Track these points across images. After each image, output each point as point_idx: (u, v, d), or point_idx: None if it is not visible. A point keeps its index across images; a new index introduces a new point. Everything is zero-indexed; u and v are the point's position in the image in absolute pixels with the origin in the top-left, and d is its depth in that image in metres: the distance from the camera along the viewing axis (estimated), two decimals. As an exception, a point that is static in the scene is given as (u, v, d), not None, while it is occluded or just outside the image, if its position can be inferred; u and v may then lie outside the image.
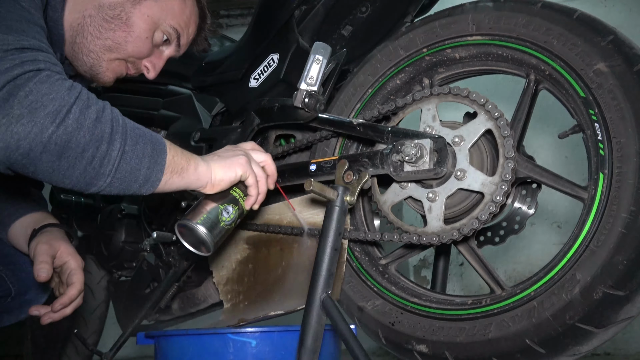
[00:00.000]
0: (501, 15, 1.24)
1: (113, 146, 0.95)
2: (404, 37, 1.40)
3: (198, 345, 1.33)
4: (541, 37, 1.18)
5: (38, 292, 1.49)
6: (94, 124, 0.93)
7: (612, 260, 1.01)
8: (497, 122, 1.18)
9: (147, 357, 3.72)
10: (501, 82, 3.49)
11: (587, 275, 1.03)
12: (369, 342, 1.50)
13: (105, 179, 0.96)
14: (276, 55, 1.57)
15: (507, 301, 1.14)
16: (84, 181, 0.95)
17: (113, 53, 1.29)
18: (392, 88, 1.42)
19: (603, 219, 1.05)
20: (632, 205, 1.01)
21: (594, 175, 1.10)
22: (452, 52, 1.32)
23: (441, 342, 1.19)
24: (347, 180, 1.24)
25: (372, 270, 1.39)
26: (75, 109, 0.91)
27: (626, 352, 3.27)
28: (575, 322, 1.03)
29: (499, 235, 1.52)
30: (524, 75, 1.24)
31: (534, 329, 1.07)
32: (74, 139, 0.90)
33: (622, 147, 1.05)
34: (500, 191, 1.15)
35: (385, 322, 1.30)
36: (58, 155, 0.90)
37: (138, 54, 1.32)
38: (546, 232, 3.60)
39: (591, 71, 1.10)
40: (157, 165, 1.01)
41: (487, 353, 1.12)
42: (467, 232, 1.19)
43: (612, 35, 1.10)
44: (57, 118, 0.88)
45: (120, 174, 0.97)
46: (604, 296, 1.01)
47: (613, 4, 3.79)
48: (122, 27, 1.27)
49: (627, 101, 1.05)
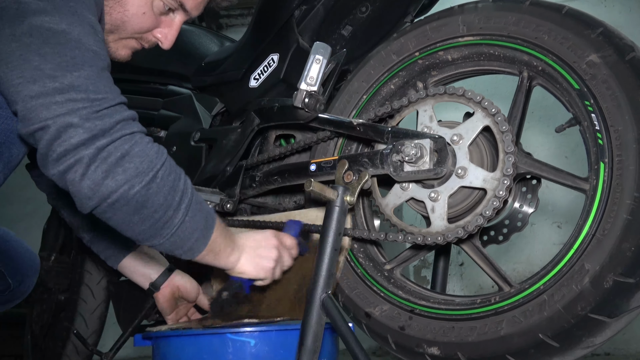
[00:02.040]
0: (491, 15, 1.25)
1: (177, 214, 1.05)
2: (395, 41, 1.40)
3: (196, 346, 1.32)
4: (532, 34, 1.19)
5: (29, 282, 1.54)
6: (169, 191, 1.04)
7: (619, 247, 1.01)
8: (494, 118, 1.18)
9: (147, 357, 3.72)
10: (501, 82, 3.49)
11: (596, 265, 1.03)
12: (368, 342, 1.50)
13: (160, 239, 1.07)
14: (276, 56, 1.57)
15: (517, 297, 1.13)
16: (144, 236, 1.06)
17: (115, 34, 1.25)
18: (387, 93, 1.42)
19: (607, 207, 1.04)
20: (635, 191, 1.02)
21: (594, 165, 1.10)
22: (444, 54, 1.33)
23: (453, 343, 1.17)
24: (347, 180, 1.24)
25: (377, 275, 1.37)
26: (160, 174, 1.03)
27: (626, 352, 3.27)
28: (587, 313, 1.02)
29: (503, 233, 1.51)
30: (517, 72, 1.25)
31: (546, 322, 1.06)
32: (151, 199, 1.01)
33: (620, 135, 1.05)
34: (502, 186, 1.15)
35: (395, 326, 1.28)
36: (135, 211, 1.01)
37: (141, 29, 1.26)
38: (546, 232, 3.60)
39: (584, 63, 1.11)
40: (203, 239, 1.12)
41: (500, 351, 1.11)
42: (472, 230, 1.18)
43: (602, 28, 1.11)
44: (144, 179, 1.00)
45: (174, 238, 1.08)
46: (615, 284, 1.00)
47: (613, 4, 3.79)
48: (116, 7, 1.22)
49: (622, 90, 1.06)
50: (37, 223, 2.53)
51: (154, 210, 1.02)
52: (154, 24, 1.27)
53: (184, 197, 1.06)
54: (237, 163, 1.58)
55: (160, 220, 1.04)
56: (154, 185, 1.01)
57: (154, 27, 1.28)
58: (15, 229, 1.51)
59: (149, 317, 1.78)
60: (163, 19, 1.28)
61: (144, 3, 1.23)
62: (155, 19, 1.26)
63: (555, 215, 3.54)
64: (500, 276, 1.23)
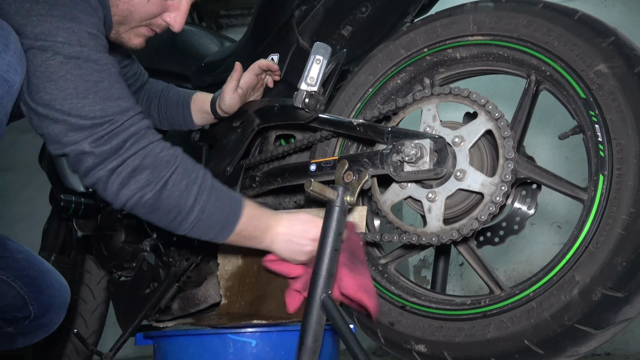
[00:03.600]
0: (502, 16, 1.24)
1: (191, 215, 1.16)
2: (405, 36, 1.39)
3: (198, 346, 1.33)
4: (542, 38, 1.18)
5: (54, 316, 1.50)
6: (181, 195, 1.14)
7: (611, 261, 1.01)
8: (497, 122, 1.18)
9: (147, 357, 3.72)
10: (501, 82, 3.49)
11: (586, 277, 1.03)
12: (368, 342, 1.50)
13: (180, 232, 1.19)
14: (276, 56, 1.57)
15: (506, 302, 1.14)
16: (166, 229, 1.19)
17: (125, 25, 1.29)
18: (393, 87, 1.42)
19: (602, 220, 1.04)
20: (631, 206, 1.01)
21: (594, 176, 1.09)
22: (453, 52, 1.32)
23: (440, 342, 1.19)
24: (347, 180, 1.24)
25: (371, 269, 1.39)
26: (171, 181, 1.13)
27: (626, 352, 3.27)
28: (574, 323, 1.03)
29: (499, 235, 1.52)
30: (524, 75, 1.24)
31: (532, 329, 1.08)
32: (163, 203, 1.13)
33: (622, 149, 1.05)
34: (499, 192, 1.15)
35: (385, 321, 1.30)
36: (151, 212, 1.15)
37: (148, 16, 1.29)
38: (546, 232, 3.60)
39: (592, 72, 1.10)
40: (224, 232, 1.20)
41: (486, 353, 1.12)
42: (467, 233, 1.19)
43: (613, 37, 1.09)
44: (155, 187, 1.12)
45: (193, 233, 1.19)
46: (603, 298, 1.01)
47: (613, 4, 3.79)
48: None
49: (628, 103, 1.05)
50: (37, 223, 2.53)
51: (167, 212, 1.14)
52: (161, 8, 1.30)
53: (198, 199, 1.16)
54: (237, 163, 1.58)
55: (175, 219, 1.15)
56: (165, 192, 1.13)
57: (162, 12, 1.31)
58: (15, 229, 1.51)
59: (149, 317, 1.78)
60: (170, 3, 1.31)
61: None
62: (162, 3, 1.29)
63: (555, 215, 3.54)
64: (492, 279, 1.24)
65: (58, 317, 1.52)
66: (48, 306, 1.47)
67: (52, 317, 1.50)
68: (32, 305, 1.44)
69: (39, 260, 1.49)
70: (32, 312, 1.44)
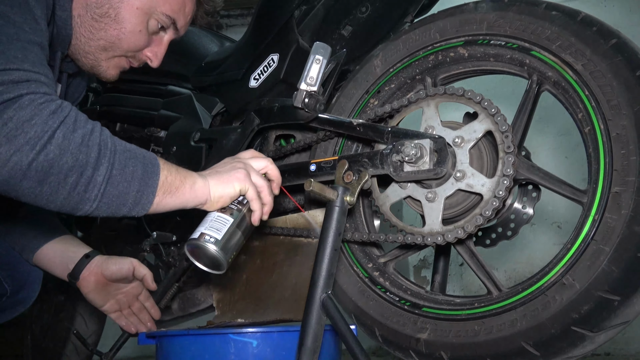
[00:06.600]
0: (505, 16, 1.24)
1: (99, 171, 0.94)
2: (406, 35, 1.39)
3: (199, 345, 1.33)
4: (543, 39, 1.18)
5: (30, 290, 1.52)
6: (79, 149, 0.92)
7: (608, 264, 1.01)
8: (498, 124, 1.17)
9: (147, 357, 3.72)
10: (501, 81, 3.49)
11: (583, 280, 1.03)
12: (368, 342, 1.50)
13: (91, 203, 0.95)
14: (276, 56, 1.57)
15: (504, 302, 1.14)
16: (69, 205, 0.95)
17: (109, 52, 1.26)
18: (395, 86, 1.42)
19: (601, 222, 1.04)
20: (630, 210, 1.01)
21: (593, 185, 1.09)
22: (455, 52, 1.32)
23: (437, 342, 1.19)
24: (347, 180, 1.24)
25: (368, 267, 1.39)
26: (59, 134, 0.90)
27: (626, 352, 3.27)
28: (570, 326, 1.03)
29: (491, 238, 1.52)
30: (526, 76, 1.24)
31: (529, 331, 1.08)
32: (55, 165, 0.90)
33: (622, 149, 1.04)
34: (498, 194, 1.15)
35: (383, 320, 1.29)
36: (39, 182, 0.90)
37: (135, 48, 1.28)
38: (546, 232, 3.60)
39: (592, 73, 1.10)
40: (147, 187, 1.00)
41: (482, 354, 1.13)
42: (463, 235, 1.19)
43: (615, 39, 1.09)
44: (37, 144, 0.88)
45: (107, 198, 0.96)
46: (600, 300, 1.01)
47: (613, 3, 3.79)
48: (113, 24, 1.22)
49: (629, 105, 1.05)
50: (37, 223, 2.52)
51: (65, 175, 0.91)
52: (146, 43, 1.30)
53: (103, 150, 0.95)
54: (237, 163, 1.58)
55: (78, 183, 0.92)
56: (53, 148, 0.89)
57: (146, 46, 1.30)
58: (15, 229, 1.51)
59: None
60: (154, 37, 1.31)
61: (140, 21, 1.25)
62: (148, 37, 1.29)
63: (556, 215, 3.54)
64: (490, 280, 1.24)
65: (34, 291, 1.53)
66: (23, 282, 1.48)
67: (29, 292, 1.52)
68: (6, 282, 1.45)
69: None
70: (8, 290, 1.46)
